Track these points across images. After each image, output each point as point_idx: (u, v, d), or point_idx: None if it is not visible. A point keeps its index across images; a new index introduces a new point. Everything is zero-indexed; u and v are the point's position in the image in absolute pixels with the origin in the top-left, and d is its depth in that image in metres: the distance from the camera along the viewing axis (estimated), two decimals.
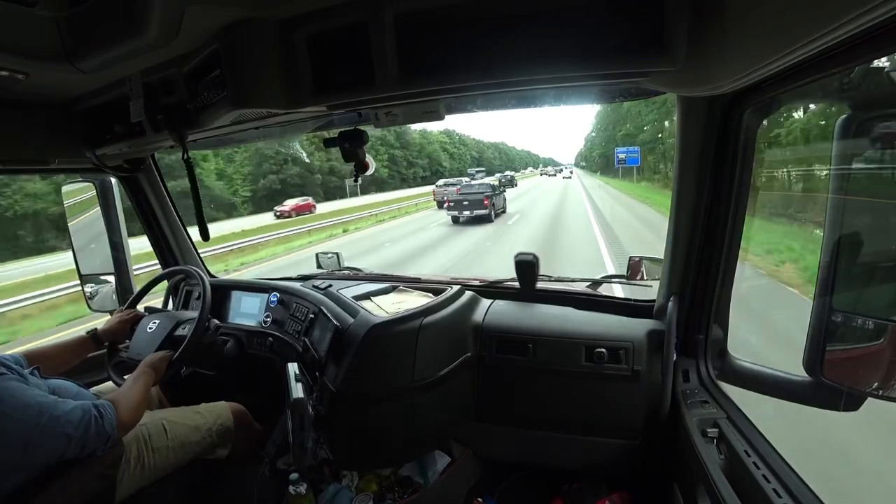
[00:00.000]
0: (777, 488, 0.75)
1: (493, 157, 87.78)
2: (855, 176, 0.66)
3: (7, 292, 7.80)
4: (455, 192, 15.08)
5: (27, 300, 7.18)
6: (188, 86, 0.95)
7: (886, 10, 0.39)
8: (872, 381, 0.67)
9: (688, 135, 0.97)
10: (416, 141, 52.36)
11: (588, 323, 1.30)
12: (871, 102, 0.66)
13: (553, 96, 0.98)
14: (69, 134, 1.24)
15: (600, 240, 9.50)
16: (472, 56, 0.73)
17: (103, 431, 1.00)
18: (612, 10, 0.67)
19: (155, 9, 0.67)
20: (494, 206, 14.31)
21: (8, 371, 0.97)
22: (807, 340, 0.70)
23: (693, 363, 1.14)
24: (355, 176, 1.16)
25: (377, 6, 0.74)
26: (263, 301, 1.69)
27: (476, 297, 1.45)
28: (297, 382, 1.12)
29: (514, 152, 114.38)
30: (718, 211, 1.01)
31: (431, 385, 1.23)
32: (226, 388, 1.70)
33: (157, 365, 1.29)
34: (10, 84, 0.96)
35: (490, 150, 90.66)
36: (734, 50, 0.60)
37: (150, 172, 1.70)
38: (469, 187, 15.40)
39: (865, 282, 0.67)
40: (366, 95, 0.82)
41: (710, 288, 1.08)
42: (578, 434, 1.26)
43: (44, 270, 10.04)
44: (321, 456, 1.35)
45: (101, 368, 1.47)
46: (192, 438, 1.33)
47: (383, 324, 1.22)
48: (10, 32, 0.76)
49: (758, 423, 0.94)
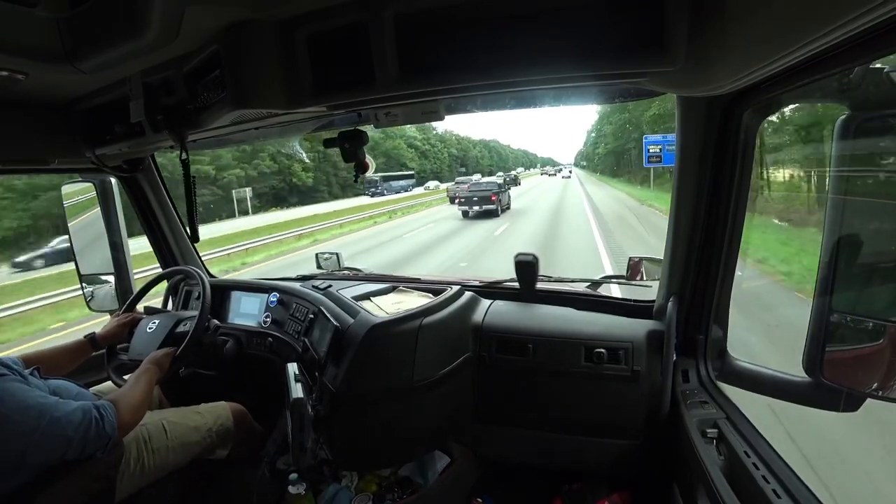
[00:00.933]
0: (776, 488, 0.75)
1: (479, 156, 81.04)
2: (854, 176, 0.66)
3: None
4: (465, 189, 16.63)
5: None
6: (188, 86, 0.95)
7: (886, 10, 0.39)
8: (872, 381, 0.67)
9: (688, 135, 0.98)
10: (370, 135, 48.26)
11: (588, 323, 1.30)
12: (871, 102, 0.66)
13: (553, 96, 0.98)
14: (69, 134, 1.24)
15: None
16: (472, 56, 0.73)
17: (104, 433, 1.00)
18: (612, 10, 0.67)
19: (155, 9, 0.67)
20: (500, 202, 15.53)
21: (9, 372, 0.97)
22: (806, 341, 0.70)
23: (693, 363, 1.14)
24: (355, 176, 1.16)
25: (377, 6, 0.74)
26: (263, 301, 1.69)
27: (476, 298, 1.45)
28: (297, 383, 1.12)
29: (506, 151, 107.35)
30: (718, 211, 1.01)
31: (431, 385, 1.23)
32: (226, 388, 1.70)
33: (161, 361, 1.29)
34: (10, 84, 0.96)
35: (477, 149, 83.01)
36: (734, 50, 0.60)
37: (149, 172, 1.70)
38: (478, 185, 17.02)
39: (865, 282, 0.67)
40: (366, 96, 0.82)
41: (709, 288, 1.08)
42: (578, 434, 1.26)
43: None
44: (321, 456, 1.34)
45: (101, 368, 1.47)
46: (191, 438, 1.33)
47: (383, 324, 1.22)
48: (10, 32, 0.76)
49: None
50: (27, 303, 7.35)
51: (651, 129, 21.22)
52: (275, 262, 10.53)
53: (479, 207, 15.10)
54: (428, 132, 58.89)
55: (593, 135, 55.38)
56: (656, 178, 20.82)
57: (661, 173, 19.91)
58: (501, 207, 15.69)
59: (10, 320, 6.97)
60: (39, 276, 10.61)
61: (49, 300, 7.42)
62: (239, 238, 13.04)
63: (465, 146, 75.28)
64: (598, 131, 42.79)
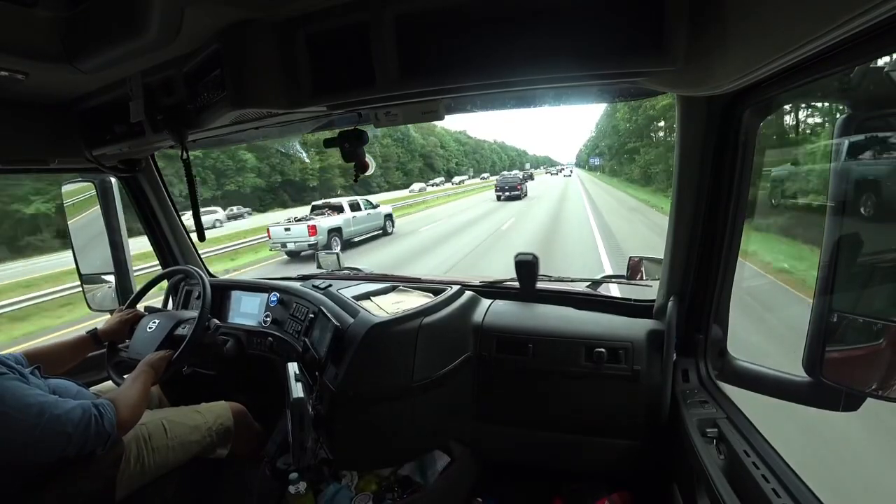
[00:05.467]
0: (776, 488, 0.75)
1: (448, 156, 71.99)
2: (854, 175, 0.66)
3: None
4: (499, 180, 25.57)
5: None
6: (188, 86, 0.95)
7: (886, 10, 0.39)
8: (872, 381, 0.67)
9: (687, 135, 0.97)
10: (306, 137, 46.35)
11: (588, 323, 1.30)
12: (871, 102, 0.66)
13: (553, 96, 0.98)
14: (69, 134, 1.24)
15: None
16: (472, 56, 0.73)
17: (103, 431, 1.00)
18: (612, 10, 0.67)
19: (155, 9, 0.67)
20: (522, 190, 23.79)
21: (8, 370, 0.97)
22: (807, 340, 0.70)
23: (693, 363, 1.14)
24: (355, 176, 1.16)
25: (377, 6, 0.74)
26: (263, 301, 1.69)
27: (476, 297, 1.45)
28: (297, 382, 1.12)
29: (486, 147, 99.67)
30: (718, 210, 1.01)
31: (431, 385, 1.23)
32: (226, 387, 1.70)
33: (157, 364, 1.29)
34: (10, 84, 0.96)
35: (455, 146, 75.90)
36: (734, 50, 0.60)
37: (149, 172, 1.70)
38: (505, 178, 25.59)
39: (865, 282, 0.67)
40: (366, 95, 0.82)
41: (709, 288, 1.08)
42: (578, 434, 1.26)
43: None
44: (321, 456, 1.34)
45: (101, 368, 1.48)
46: (191, 438, 1.33)
47: (383, 324, 1.22)
48: (10, 32, 0.76)
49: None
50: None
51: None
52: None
53: (509, 193, 23.07)
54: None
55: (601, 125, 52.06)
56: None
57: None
58: (522, 194, 23.55)
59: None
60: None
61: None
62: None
63: (445, 141, 74.23)
64: (612, 117, 38.18)
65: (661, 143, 23.43)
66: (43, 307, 7.39)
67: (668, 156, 17.44)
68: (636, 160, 26.00)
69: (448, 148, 70.73)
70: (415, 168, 58.00)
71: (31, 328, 6.53)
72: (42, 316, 7.09)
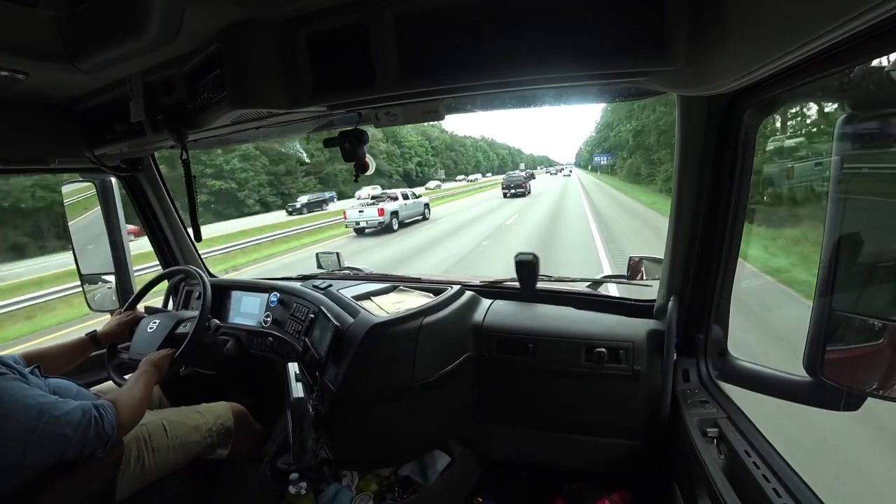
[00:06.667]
0: (777, 488, 0.75)
1: (408, 154, 57.16)
2: (855, 175, 0.66)
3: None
4: (505, 179, 27.30)
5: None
6: (188, 86, 0.95)
7: (886, 10, 0.39)
8: (873, 381, 0.67)
9: (688, 135, 0.97)
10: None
11: (588, 323, 1.30)
12: (871, 102, 0.66)
13: (553, 96, 0.98)
14: (69, 134, 1.24)
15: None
16: (472, 56, 0.73)
17: (103, 432, 1.00)
18: (612, 10, 0.67)
19: (155, 9, 0.67)
20: (526, 188, 25.76)
21: (8, 370, 0.97)
22: (807, 340, 0.70)
23: (693, 363, 1.14)
24: (355, 176, 1.16)
25: (378, 7, 0.74)
26: (263, 301, 1.69)
27: (476, 297, 1.45)
28: (298, 382, 1.12)
29: (469, 144, 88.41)
30: (718, 211, 1.01)
31: (431, 385, 1.23)
32: (226, 388, 1.70)
33: (160, 363, 1.29)
34: (10, 84, 0.96)
35: (416, 139, 60.61)
36: (734, 50, 0.60)
37: (150, 172, 1.70)
38: (511, 176, 27.38)
39: (865, 282, 0.67)
40: (366, 95, 0.82)
41: (710, 288, 1.08)
42: (578, 434, 1.26)
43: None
44: (321, 456, 1.35)
45: (101, 368, 1.47)
46: (192, 438, 1.33)
47: (383, 324, 1.22)
48: (10, 32, 0.76)
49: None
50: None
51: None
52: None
53: (514, 190, 24.98)
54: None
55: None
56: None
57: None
58: (526, 191, 25.60)
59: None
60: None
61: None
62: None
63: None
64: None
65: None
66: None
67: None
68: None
69: (405, 144, 55.91)
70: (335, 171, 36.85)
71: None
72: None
